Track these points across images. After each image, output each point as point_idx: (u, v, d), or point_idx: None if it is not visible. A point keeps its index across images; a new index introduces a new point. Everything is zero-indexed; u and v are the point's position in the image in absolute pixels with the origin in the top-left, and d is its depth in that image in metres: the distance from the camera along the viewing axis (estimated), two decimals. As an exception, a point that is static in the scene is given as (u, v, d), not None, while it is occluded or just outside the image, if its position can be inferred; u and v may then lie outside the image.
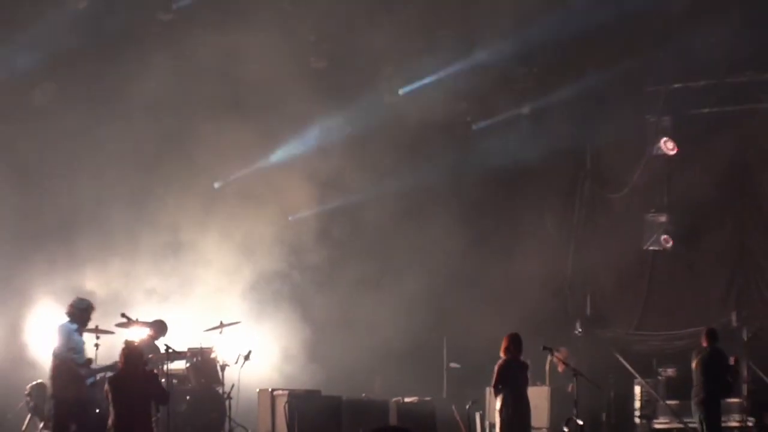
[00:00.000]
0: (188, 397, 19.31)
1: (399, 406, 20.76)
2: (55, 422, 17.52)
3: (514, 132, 23.77)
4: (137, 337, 18.22)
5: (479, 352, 20.59)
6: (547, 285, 23.38)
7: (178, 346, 18.78)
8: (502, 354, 17.82)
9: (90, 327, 17.98)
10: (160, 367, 18.25)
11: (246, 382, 19.83)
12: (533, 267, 22.94)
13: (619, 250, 23.27)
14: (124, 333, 18.41)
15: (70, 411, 17.29)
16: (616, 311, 24.04)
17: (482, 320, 21.95)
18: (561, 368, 21.07)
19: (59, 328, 17.63)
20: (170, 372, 18.58)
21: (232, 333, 20.27)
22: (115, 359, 16.60)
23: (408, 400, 20.93)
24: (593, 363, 21.76)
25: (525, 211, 24.00)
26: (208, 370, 19.61)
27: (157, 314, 19.87)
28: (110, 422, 15.45)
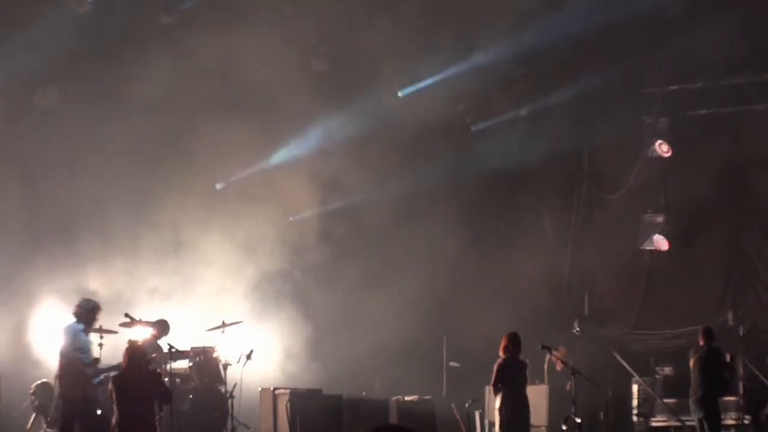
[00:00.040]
0: (191, 396, 19.37)
1: (399, 404, 20.78)
2: (62, 422, 17.46)
3: (513, 133, 23.86)
4: (140, 336, 18.19)
5: (478, 351, 20.69)
6: (545, 284, 23.39)
7: (181, 345, 18.86)
8: (501, 353, 17.90)
9: (94, 327, 17.96)
10: (164, 366, 18.24)
11: (248, 381, 19.86)
12: (532, 267, 22.95)
13: (616, 250, 23.30)
14: (128, 333, 18.39)
15: (77, 410, 17.24)
16: (614, 310, 24.06)
17: (481, 319, 22.01)
18: (559, 367, 21.01)
19: (66, 328, 17.58)
20: (173, 371, 18.54)
21: (234, 332, 20.30)
22: (119, 359, 16.45)
23: (408, 398, 20.94)
24: (591, 362, 21.65)
25: (524, 212, 24.01)
26: (211, 369, 19.67)
27: (159, 314, 19.88)
28: (114, 421, 15.53)
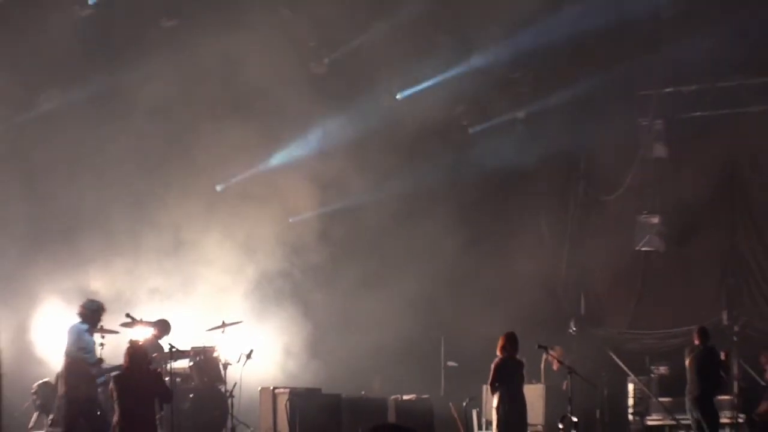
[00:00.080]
0: (191, 396, 19.40)
1: (397, 403, 20.87)
2: (66, 421, 17.50)
3: (511, 135, 23.92)
4: (141, 336, 18.29)
5: (476, 351, 20.72)
6: (542, 285, 23.35)
7: (182, 345, 18.90)
8: (498, 352, 18.00)
9: (98, 327, 18.00)
10: (164, 365, 18.28)
11: (248, 380, 19.85)
12: (529, 267, 22.92)
13: (612, 250, 23.23)
14: (129, 332, 18.44)
15: (81, 410, 17.31)
16: (610, 310, 24.09)
17: (479, 319, 22.06)
18: (556, 366, 21.08)
19: (70, 329, 17.66)
20: (174, 371, 18.63)
21: (234, 332, 20.33)
22: (120, 358, 16.40)
23: (406, 397, 21.06)
24: (587, 361, 21.76)
25: (521, 212, 24.00)
26: (211, 368, 19.71)
27: (160, 314, 19.93)
28: (115, 420, 15.60)
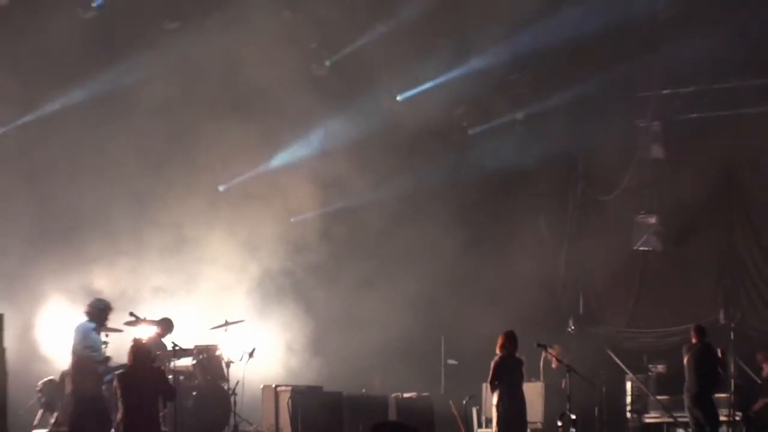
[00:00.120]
0: (194, 393, 19.43)
1: (398, 401, 20.95)
2: (73, 419, 17.41)
3: (510, 136, 24.02)
4: (145, 335, 18.35)
5: (476, 349, 20.78)
6: (541, 284, 23.36)
7: (185, 343, 18.88)
8: (498, 351, 18.07)
9: (105, 326, 17.91)
10: (167, 364, 18.30)
11: (250, 378, 19.91)
12: (528, 267, 22.98)
13: (610, 250, 23.27)
14: (133, 331, 18.51)
15: (88, 408, 17.23)
16: (608, 309, 24.14)
17: (479, 318, 22.11)
18: (555, 365, 21.14)
19: (77, 327, 17.58)
20: (177, 369, 18.72)
21: (237, 331, 20.34)
22: (124, 356, 16.38)
23: (407, 395, 21.13)
24: (586, 359, 21.81)
25: (520, 213, 23.94)
26: (214, 367, 19.73)
27: (164, 312, 19.95)
28: (119, 417, 15.60)
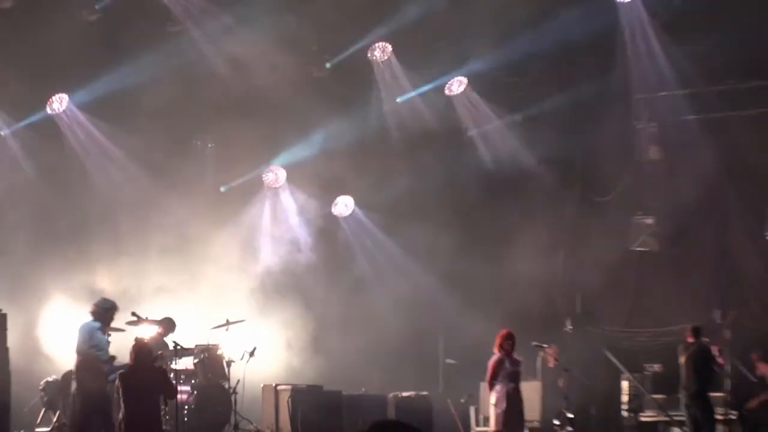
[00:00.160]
0: (196, 392, 19.58)
1: (397, 400, 21.05)
2: (81, 418, 17.50)
3: (508, 138, 24.06)
4: (147, 334, 18.45)
5: (474, 349, 20.82)
6: (539, 284, 23.28)
7: (186, 343, 19.02)
8: (496, 350, 18.22)
9: (110, 326, 18.05)
10: (169, 363, 18.42)
11: (251, 377, 20.05)
12: (526, 267, 22.93)
13: (607, 251, 23.17)
14: (135, 330, 18.58)
15: (94, 407, 17.35)
16: (605, 309, 23.97)
17: (477, 318, 22.17)
18: (552, 364, 21.27)
19: (82, 326, 17.68)
20: (178, 368, 18.92)
21: (237, 330, 20.48)
22: (126, 356, 16.53)
23: (405, 394, 21.22)
24: (583, 359, 21.84)
25: (518, 214, 23.82)
26: (215, 366, 19.89)
27: (165, 312, 20.05)
28: (120, 416, 15.72)
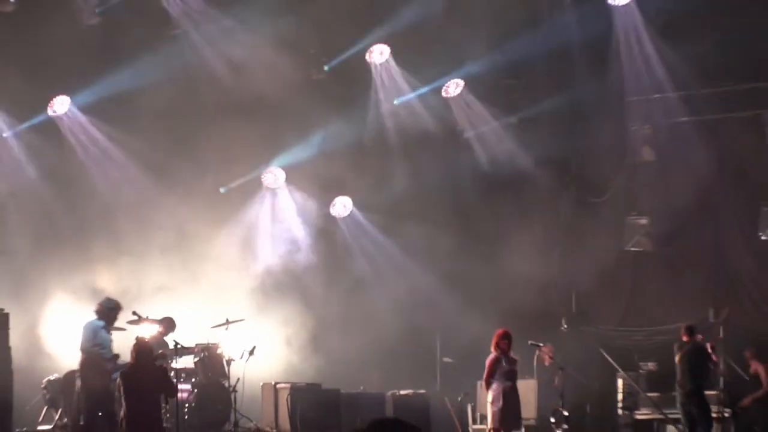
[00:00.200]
0: (196, 391, 19.70)
1: (394, 398, 21.18)
2: (86, 415, 17.66)
3: (504, 140, 24.08)
4: (148, 333, 18.60)
5: (471, 348, 20.95)
6: (534, 284, 23.18)
7: (186, 342, 19.12)
8: (492, 349, 18.32)
9: (114, 325, 18.24)
10: (169, 362, 18.52)
11: (250, 376, 20.19)
12: (521, 267, 22.90)
13: (602, 250, 23.22)
14: (135, 329, 18.71)
15: (99, 405, 17.51)
16: (600, 308, 24.11)
17: (474, 317, 22.19)
18: (547, 362, 21.28)
19: (85, 325, 17.91)
20: (179, 367, 19.01)
21: (237, 329, 20.59)
22: (126, 354, 16.69)
23: (403, 392, 21.34)
24: (578, 357, 21.80)
25: (514, 214, 23.78)
26: (215, 364, 20.03)
27: (166, 311, 20.16)
28: (122, 413, 15.89)
